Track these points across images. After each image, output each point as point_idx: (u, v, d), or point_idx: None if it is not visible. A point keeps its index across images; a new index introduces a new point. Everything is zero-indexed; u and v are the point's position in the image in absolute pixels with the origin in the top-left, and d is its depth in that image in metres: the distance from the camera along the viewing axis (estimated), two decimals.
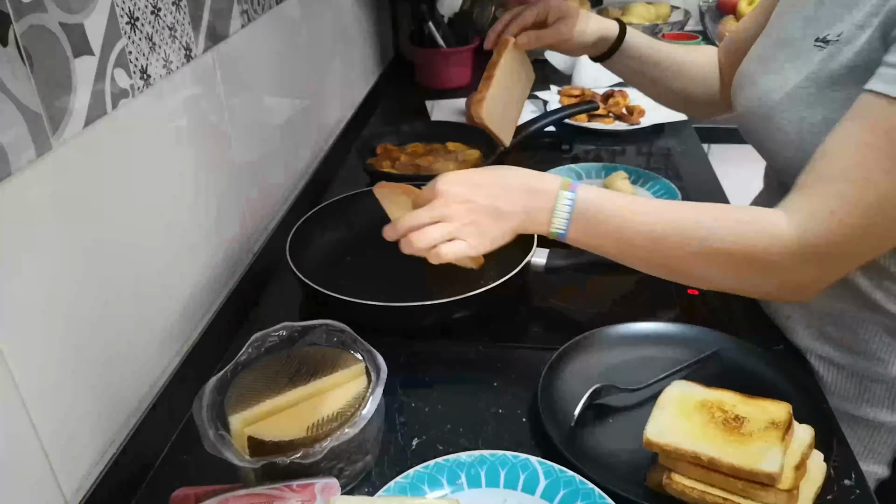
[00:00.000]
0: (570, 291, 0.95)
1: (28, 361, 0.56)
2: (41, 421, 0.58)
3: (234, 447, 0.60)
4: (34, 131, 0.56)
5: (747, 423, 0.61)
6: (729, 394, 0.65)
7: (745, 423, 0.61)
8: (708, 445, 0.59)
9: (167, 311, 0.78)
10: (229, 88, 0.91)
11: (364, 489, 0.66)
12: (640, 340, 0.81)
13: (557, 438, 0.67)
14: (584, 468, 0.64)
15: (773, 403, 0.63)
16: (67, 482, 0.61)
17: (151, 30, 0.72)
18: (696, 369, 0.75)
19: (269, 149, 1.07)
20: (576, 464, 0.64)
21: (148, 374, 0.74)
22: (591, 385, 0.72)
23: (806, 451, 0.60)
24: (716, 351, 0.77)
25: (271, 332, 0.70)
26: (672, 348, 0.79)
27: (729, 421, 0.62)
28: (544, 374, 0.75)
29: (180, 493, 0.60)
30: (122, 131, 0.68)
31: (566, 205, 0.67)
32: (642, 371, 0.75)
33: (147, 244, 0.73)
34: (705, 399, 0.65)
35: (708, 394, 0.66)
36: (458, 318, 0.85)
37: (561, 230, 0.68)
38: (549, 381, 0.74)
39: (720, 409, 0.63)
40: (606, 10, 1.97)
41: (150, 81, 0.72)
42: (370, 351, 0.69)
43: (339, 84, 1.44)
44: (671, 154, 1.35)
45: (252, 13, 0.98)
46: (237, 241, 0.96)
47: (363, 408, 0.63)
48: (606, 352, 0.79)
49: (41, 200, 0.57)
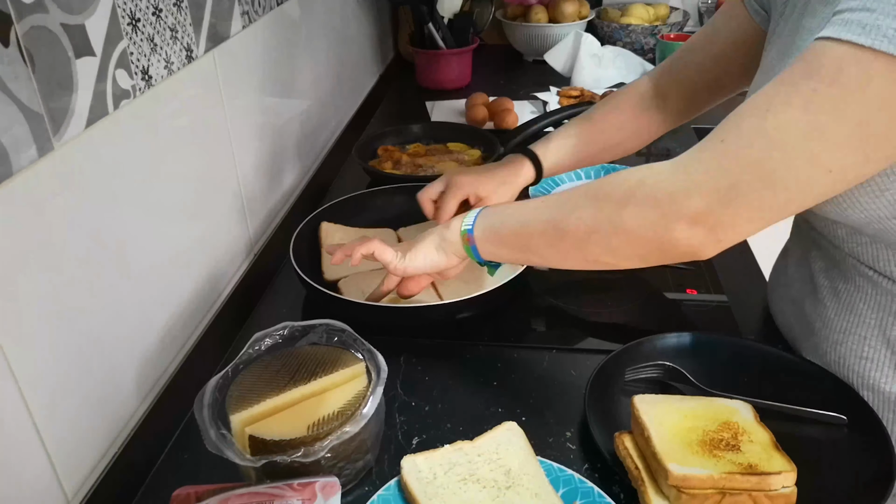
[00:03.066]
0: (571, 290, 0.95)
1: (29, 361, 0.56)
2: (43, 420, 0.58)
3: (235, 446, 0.60)
4: (35, 132, 0.56)
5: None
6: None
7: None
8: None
9: (169, 311, 0.78)
10: (230, 89, 0.91)
11: (364, 488, 0.66)
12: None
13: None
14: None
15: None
16: (69, 481, 0.62)
17: (153, 31, 0.73)
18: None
19: (270, 149, 1.07)
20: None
21: (150, 374, 0.74)
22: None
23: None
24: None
25: (272, 332, 0.71)
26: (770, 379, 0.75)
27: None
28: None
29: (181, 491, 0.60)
30: (124, 132, 0.68)
31: (472, 216, 0.75)
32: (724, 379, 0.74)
33: (148, 244, 0.73)
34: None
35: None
36: (459, 318, 0.85)
37: (468, 227, 0.75)
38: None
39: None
40: (605, 12, 1.98)
41: (152, 82, 0.73)
42: (370, 350, 0.69)
43: (340, 85, 1.44)
44: (670, 155, 1.35)
45: (253, 14, 0.98)
46: (238, 241, 0.96)
47: (363, 407, 0.63)
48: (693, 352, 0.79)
49: (42, 200, 0.57)
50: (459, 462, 0.65)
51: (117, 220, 0.68)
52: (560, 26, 1.83)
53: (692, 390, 0.73)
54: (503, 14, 1.92)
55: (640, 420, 0.64)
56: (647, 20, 1.92)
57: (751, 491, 0.58)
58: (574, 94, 1.49)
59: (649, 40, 1.86)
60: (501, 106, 1.45)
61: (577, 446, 0.70)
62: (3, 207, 0.53)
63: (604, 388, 0.73)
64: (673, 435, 0.62)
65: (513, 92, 1.67)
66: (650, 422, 0.63)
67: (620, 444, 0.65)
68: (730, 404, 0.67)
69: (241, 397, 0.64)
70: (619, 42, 1.88)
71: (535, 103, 1.60)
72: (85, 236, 0.63)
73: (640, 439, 0.64)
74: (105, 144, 0.65)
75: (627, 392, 0.70)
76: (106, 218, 0.66)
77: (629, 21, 1.90)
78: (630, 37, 1.87)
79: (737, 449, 0.61)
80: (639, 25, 1.86)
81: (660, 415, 0.64)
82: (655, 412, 0.64)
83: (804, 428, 0.69)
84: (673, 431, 0.63)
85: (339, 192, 1.24)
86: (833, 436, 0.69)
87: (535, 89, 1.68)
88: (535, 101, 1.61)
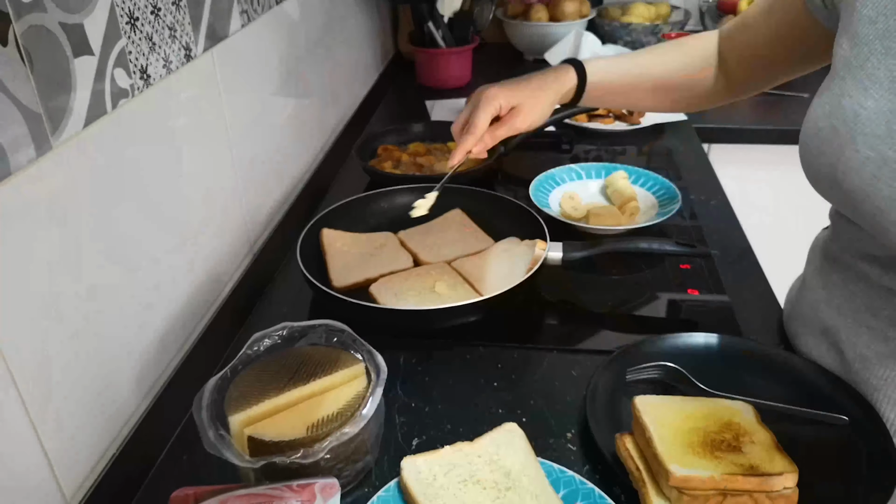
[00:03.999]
0: (571, 291, 0.95)
1: (28, 361, 0.56)
2: (41, 421, 0.58)
3: (234, 447, 0.60)
4: (34, 131, 0.56)
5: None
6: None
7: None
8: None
9: (167, 311, 0.78)
10: (229, 88, 0.91)
11: (364, 489, 0.66)
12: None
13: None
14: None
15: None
16: (67, 482, 0.61)
17: (151, 30, 0.72)
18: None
19: (270, 149, 1.07)
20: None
21: (148, 374, 0.74)
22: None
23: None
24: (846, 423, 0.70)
25: (271, 332, 0.70)
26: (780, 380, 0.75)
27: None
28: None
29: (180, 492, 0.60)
30: (122, 131, 0.68)
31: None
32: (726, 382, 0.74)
33: (147, 243, 0.73)
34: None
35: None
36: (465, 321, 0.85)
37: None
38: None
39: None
40: (606, 10, 1.97)
41: (150, 81, 0.72)
42: (370, 351, 0.69)
43: (340, 84, 1.44)
44: (671, 154, 1.35)
45: (252, 13, 0.98)
46: (237, 241, 0.96)
47: (363, 407, 0.63)
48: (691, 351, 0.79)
49: (41, 200, 0.57)
50: (460, 463, 0.65)
51: (116, 220, 0.68)
52: (561, 25, 1.83)
53: (693, 391, 0.72)
54: (503, 12, 1.92)
55: (641, 421, 0.64)
56: (648, 19, 1.92)
57: (752, 492, 0.58)
58: None
59: (650, 39, 1.86)
60: None
61: (577, 447, 0.70)
62: (2, 207, 0.53)
63: (604, 389, 0.73)
64: (674, 436, 0.62)
65: None
66: (651, 423, 0.63)
67: (621, 445, 0.65)
68: (731, 405, 0.67)
69: (240, 398, 0.64)
70: (619, 41, 1.88)
71: None
72: (83, 236, 0.63)
73: (641, 440, 0.64)
74: (103, 144, 0.65)
75: (628, 393, 0.70)
76: (104, 217, 0.66)
77: (630, 20, 1.89)
78: (631, 35, 1.87)
79: (738, 450, 0.61)
80: (640, 24, 1.85)
81: (661, 416, 0.64)
82: (657, 413, 0.64)
83: (805, 428, 0.69)
84: (674, 432, 0.62)
85: (339, 191, 1.24)
86: (834, 436, 0.68)
87: None
88: None
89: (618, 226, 1.04)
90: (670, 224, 1.07)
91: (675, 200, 1.07)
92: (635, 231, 1.03)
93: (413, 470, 0.63)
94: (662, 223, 1.05)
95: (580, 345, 0.85)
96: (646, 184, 1.15)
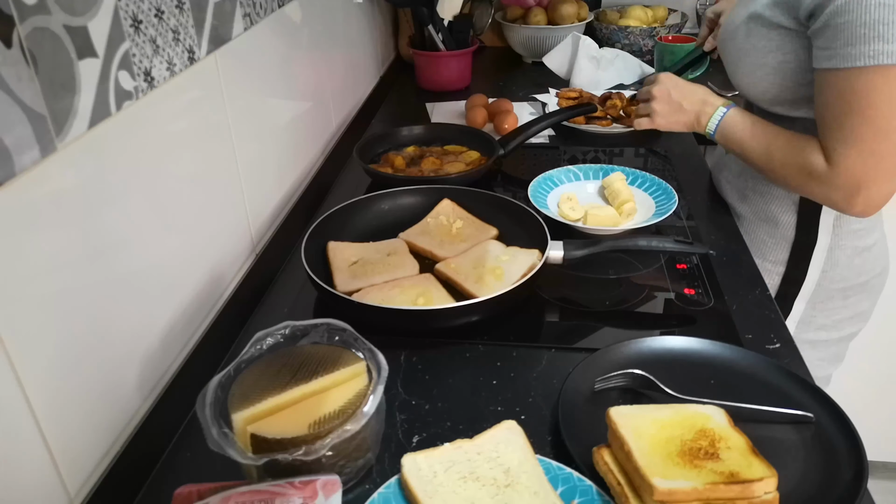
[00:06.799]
0: (570, 290, 0.96)
1: (32, 360, 0.57)
2: (45, 418, 0.58)
3: (237, 444, 0.60)
4: (38, 132, 0.56)
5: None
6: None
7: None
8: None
9: (171, 310, 0.78)
10: (232, 91, 0.91)
11: (365, 486, 0.66)
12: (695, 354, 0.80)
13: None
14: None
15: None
16: (71, 479, 0.62)
17: (155, 32, 0.73)
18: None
19: (272, 150, 1.08)
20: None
21: (152, 372, 0.75)
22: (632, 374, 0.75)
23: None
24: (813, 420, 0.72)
25: (274, 331, 0.71)
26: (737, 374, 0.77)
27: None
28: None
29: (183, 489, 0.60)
30: (126, 133, 0.69)
31: (719, 116, 1.05)
32: (695, 384, 0.75)
33: (150, 244, 0.74)
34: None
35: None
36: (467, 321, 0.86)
37: (711, 131, 1.06)
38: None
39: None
40: (604, 14, 1.98)
41: (154, 84, 0.73)
42: (371, 349, 0.69)
43: (341, 86, 1.45)
44: (668, 156, 1.36)
45: (254, 16, 0.99)
46: (240, 241, 0.96)
47: (364, 405, 0.63)
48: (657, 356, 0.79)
49: (45, 201, 0.58)
50: (459, 460, 0.65)
51: (120, 221, 0.68)
52: (559, 28, 1.84)
53: (663, 397, 0.73)
54: (502, 16, 1.93)
55: (618, 434, 0.63)
56: (646, 22, 1.93)
57: (735, 500, 0.58)
58: (573, 95, 1.50)
59: (648, 42, 1.87)
60: (501, 107, 1.45)
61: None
62: (7, 208, 0.54)
63: (575, 402, 0.73)
64: (652, 447, 0.61)
65: (512, 93, 1.67)
66: (629, 435, 0.62)
67: (600, 458, 0.64)
68: (703, 410, 0.66)
69: (243, 396, 0.64)
70: (617, 44, 1.89)
71: (535, 105, 1.61)
72: (88, 236, 0.63)
73: (619, 454, 0.63)
74: (107, 145, 0.66)
75: (599, 403, 0.70)
76: (108, 218, 0.66)
77: (627, 23, 1.90)
78: (629, 38, 1.88)
79: (716, 457, 0.61)
80: (637, 27, 1.86)
81: (637, 427, 0.63)
82: (633, 424, 0.63)
83: (775, 428, 0.70)
84: (652, 443, 0.62)
85: (341, 192, 1.25)
86: (803, 434, 0.69)
87: (534, 91, 1.69)
88: (535, 103, 1.62)
89: (615, 226, 1.05)
90: (667, 224, 1.08)
91: (671, 201, 1.08)
92: (633, 231, 1.04)
93: (413, 467, 0.64)
94: (659, 223, 1.05)
95: (578, 343, 0.85)
96: (643, 185, 1.16)
